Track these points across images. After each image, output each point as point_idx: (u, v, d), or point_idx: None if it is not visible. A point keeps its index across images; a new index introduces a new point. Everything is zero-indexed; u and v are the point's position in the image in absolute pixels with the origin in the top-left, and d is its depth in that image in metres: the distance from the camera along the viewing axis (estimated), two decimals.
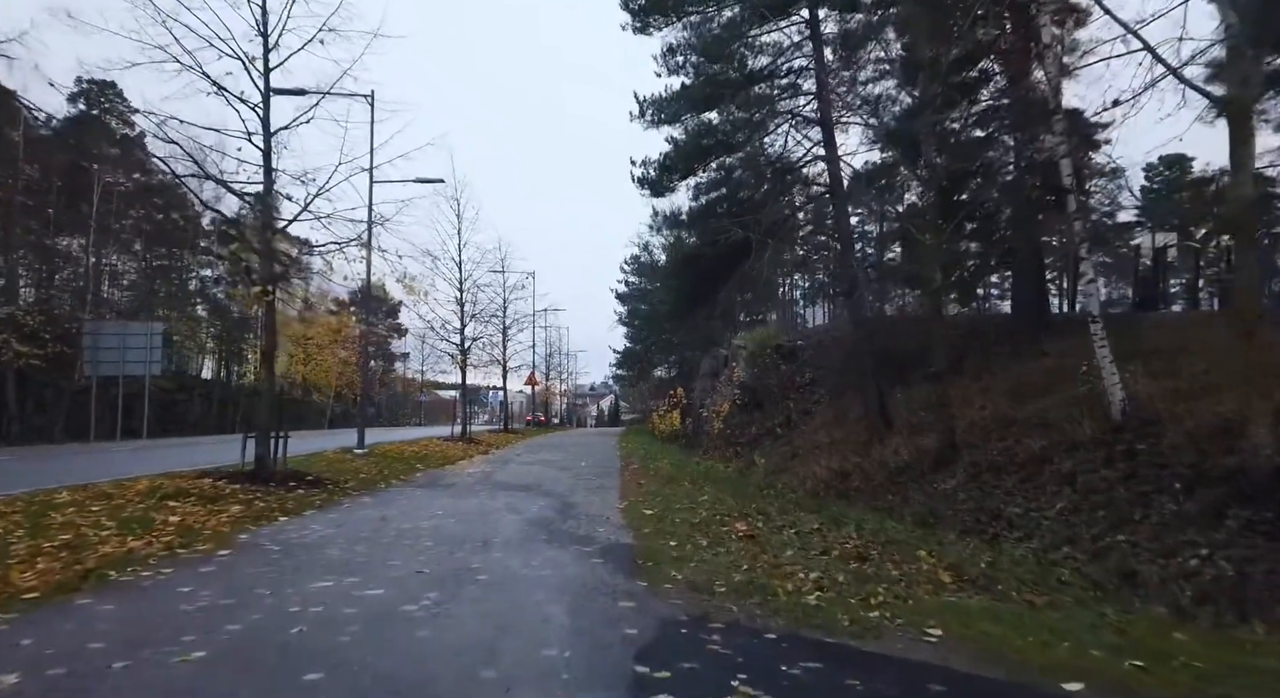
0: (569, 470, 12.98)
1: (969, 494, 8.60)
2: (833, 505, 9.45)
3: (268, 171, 9.27)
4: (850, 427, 15.32)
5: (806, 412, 19.09)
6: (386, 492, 9.45)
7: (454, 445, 19.67)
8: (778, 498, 10.30)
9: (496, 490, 9.70)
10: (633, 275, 40.40)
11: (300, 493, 8.50)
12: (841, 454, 12.85)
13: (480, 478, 11.57)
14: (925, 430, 12.24)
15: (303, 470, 9.97)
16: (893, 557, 5.68)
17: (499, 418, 57.52)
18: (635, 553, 5.59)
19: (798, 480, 12.27)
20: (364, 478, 10.78)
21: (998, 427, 10.20)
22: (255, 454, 9.24)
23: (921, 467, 10.04)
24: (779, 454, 16.06)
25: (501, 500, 8.65)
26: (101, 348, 24.24)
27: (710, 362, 26.29)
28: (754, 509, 8.39)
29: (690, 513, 7.76)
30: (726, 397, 21.94)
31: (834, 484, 11.13)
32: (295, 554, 5.31)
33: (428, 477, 11.72)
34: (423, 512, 7.54)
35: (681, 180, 13.70)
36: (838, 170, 12.61)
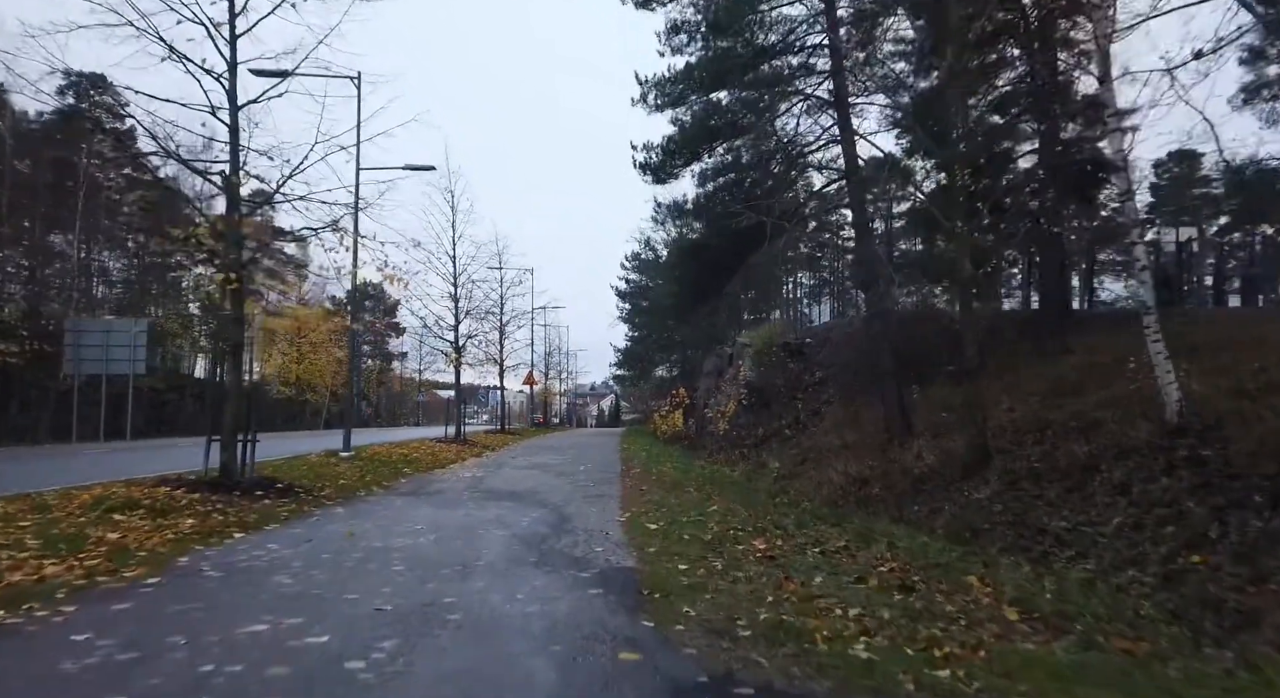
0: (566, 476, 12.16)
1: (1006, 505, 7.76)
2: (854, 517, 8.63)
3: (234, 150, 8.45)
4: (865, 428, 14.50)
5: (816, 412, 18.27)
6: (364, 501, 8.63)
7: (447, 448, 18.85)
8: (792, 508, 9.48)
9: (486, 500, 8.88)
10: (633, 272, 39.61)
11: (266, 503, 7.68)
12: (858, 458, 12.03)
13: (470, 484, 10.75)
14: (948, 433, 11.42)
15: (274, 477, 9.15)
16: (940, 585, 4.86)
17: (499, 418, 56.83)
18: (640, 581, 4.77)
19: (812, 487, 11.45)
20: (343, 484, 9.96)
21: (1032, 429, 9.37)
22: (220, 460, 8.42)
23: (949, 473, 9.22)
24: (789, 458, 15.24)
25: (491, 512, 7.83)
26: (84, 346, 23.43)
27: (714, 360, 25.47)
28: (769, 522, 7.56)
29: (700, 527, 6.94)
30: (732, 396, 21.13)
31: (852, 492, 10.31)
32: (236, 584, 4.48)
33: (413, 483, 10.90)
34: (400, 526, 6.71)
35: (686, 166, 12.88)
36: (854, 153, 11.79)
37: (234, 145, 8.44)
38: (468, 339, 21.38)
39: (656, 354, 38.29)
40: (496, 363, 27.66)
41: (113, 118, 31.79)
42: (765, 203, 11.33)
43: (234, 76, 8.43)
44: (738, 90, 12.09)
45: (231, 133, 8.46)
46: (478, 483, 10.88)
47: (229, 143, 8.44)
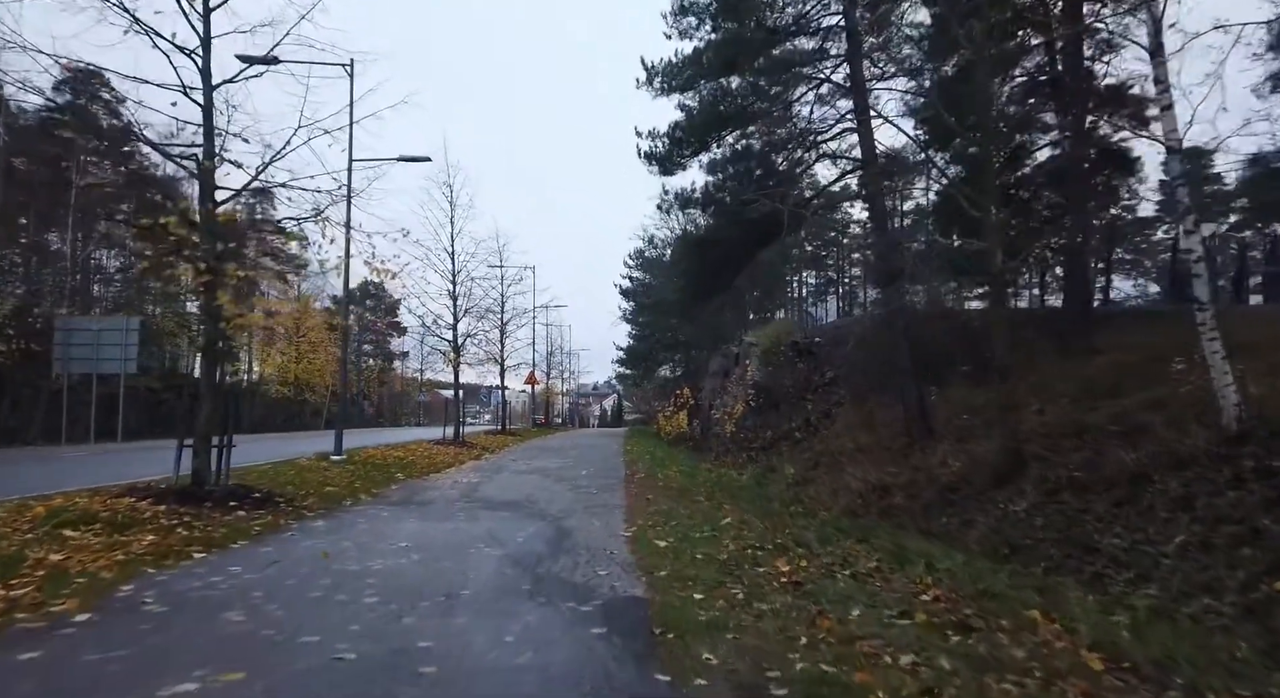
0: (567, 482, 11.51)
1: (1049, 519, 7.09)
2: (878, 530, 7.95)
3: (208, 133, 7.82)
4: (881, 431, 13.83)
5: (826, 414, 17.60)
6: (349, 512, 7.98)
7: (444, 449, 18.23)
8: (810, 519, 8.82)
9: (480, 510, 8.23)
10: (637, 270, 38.90)
11: (239, 516, 7.04)
12: (876, 464, 11.37)
13: (465, 491, 10.10)
14: (973, 437, 10.75)
15: (252, 485, 8.51)
16: (999, 621, 4.19)
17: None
18: (650, 615, 4.11)
19: (829, 494, 10.79)
20: (329, 492, 9.32)
21: (1067, 434, 8.70)
22: (192, 467, 7.79)
23: (979, 481, 8.55)
24: (801, 462, 14.58)
25: (483, 525, 7.18)
26: (73, 344, 22.85)
27: (720, 360, 24.80)
28: (789, 537, 6.91)
29: (713, 543, 6.29)
30: (739, 397, 20.46)
31: (873, 500, 9.65)
32: (179, 621, 3.84)
33: (405, 490, 10.26)
34: (382, 544, 6.06)
35: (694, 156, 12.19)
36: (871, 141, 11.12)
37: (208, 128, 7.81)
38: (467, 338, 20.75)
39: (660, 353, 37.60)
40: (497, 362, 27.02)
41: (107, 112, 31.23)
42: (780, 191, 10.66)
43: (207, 53, 7.79)
44: (749, 76, 11.43)
45: (205, 114, 7.83)
46: (473, 490, 10.24)
47: (202, 125, 7.81)
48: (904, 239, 11.15)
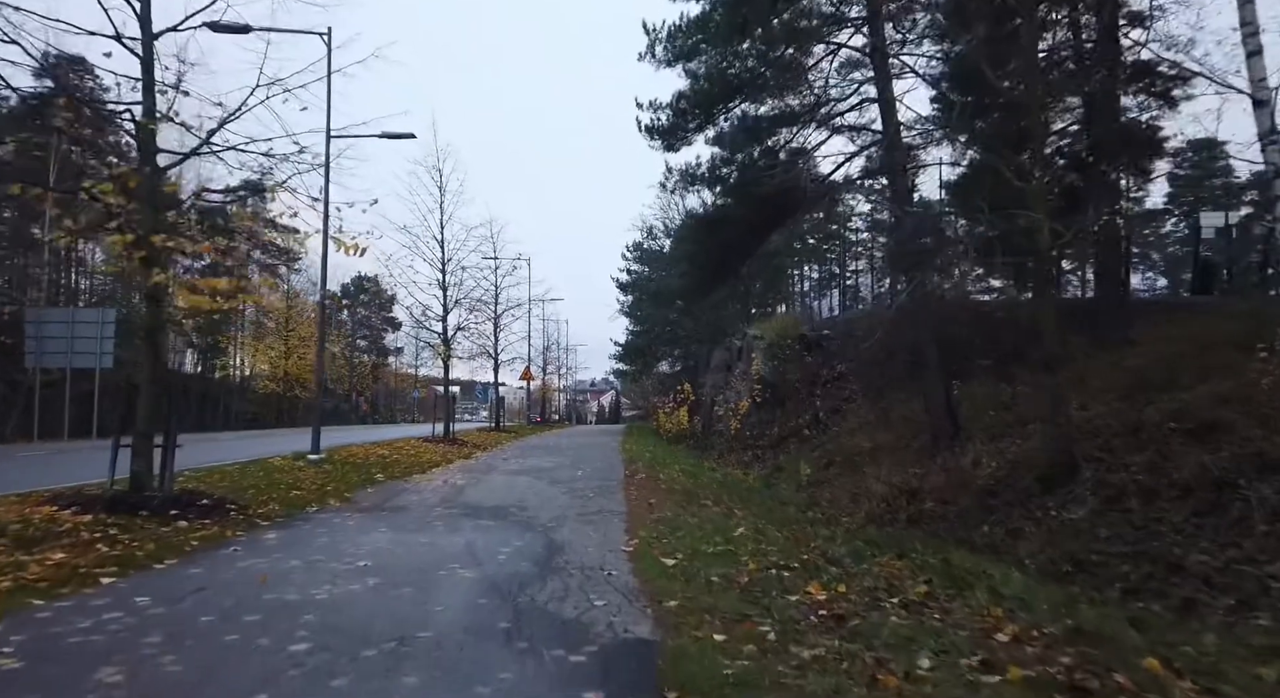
0: (562, 484, 10.55)
1: (1115, 530, 6.16)
2: (914, 541, 7.01)
3: (148, 87, 6.83)
4: (898, 429, 12.91)
5: (836, 410, 16.68)
6: (310, 520, 7.01)
7: (433, 448, 17.26)
8: (833, 527, 7.89)
9: (461, 518, 7.26)
10: (635, 262, 37.87)
11: (179, 527, 6.07)
12: (898, 465, 10.43)
13: (447, 496, 9.14)
14: (1005, 436, 9.83)
15: (201, 491, 7.54)
16: (1112, 676, 3.24)
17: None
18: (661, 669, 3.16)
19: (848, 498, 9.84)
20: (295, 497, 8.35)
21: (1121, 432, 7.77)
22: (130, 470, 6.83)
23: (1022, 485, 7.61)
24: (813, 461, 13.64)
25: (463, 536, 6.22)
26: (47, 337, 21.84)
27: (723, 354, 23.85)
28: (815, 552, 5.96)
29: (729, 560, 5.34)
30: (743, 393, 19.52)
31: (900, 506, 8.71)
32: (29, 683, 2.88)
33: (381, 494, 9.29)
34: (336, 562, 5.10)
35: (700, 131, 11.19)
36: (893, 113, 10.15)
37: (147, 81, 6.81)
38: (458, 330, 19.75)
39: (659, 348, 36.60)
40: (491, 357, 26.03)
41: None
42: (796, 165, 9.70)
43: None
44: (760, 42, 10.45)
45: (144, 67, 6.84)
46: (457, 494, 9.27)
47: (141, 79, 6.82)
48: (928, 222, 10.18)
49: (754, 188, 10.16)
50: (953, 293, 15.14)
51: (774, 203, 10.38)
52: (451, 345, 19.87)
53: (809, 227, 40.02)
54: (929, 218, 10.13)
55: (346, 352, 55.34)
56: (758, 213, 10.32)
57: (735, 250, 10.89)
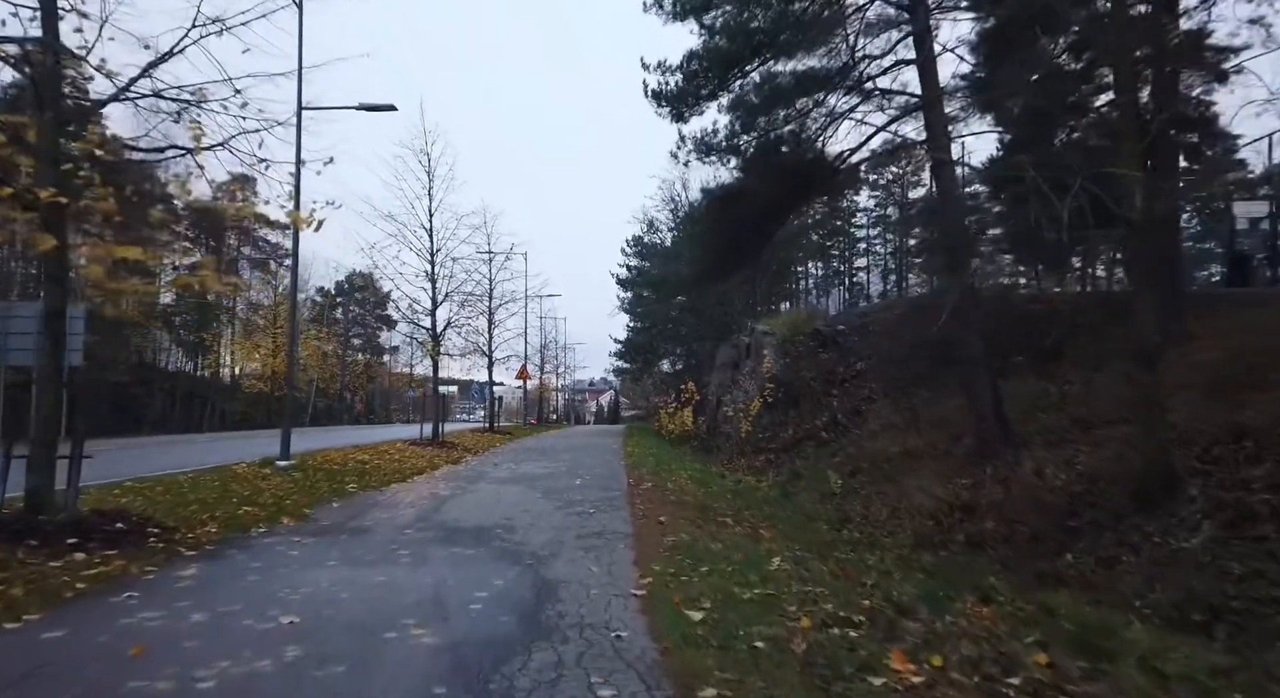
0: (557, 496, 9.29)
1: (1250, 564, 4.90)
2: (988, 574, 5.76)
3: (49, 13, 5.56)
4: (930, 433, 11.66)
5: (856, 411, 15.42)
6: (248, 548, 5.74)
7: (420, 451, 16.00)
8: (879, 552, 6.65)
9: (433, 544, 5.99)
10: (635, 257, 36.55)
11: (77, 559, 4.81)
12: (939, 475, 9.18)
13: (425, 511, 7.87)
14: (1066, 442, 8.58)
15: (117, 511, 6.28)
16: None
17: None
18: None
19: (885, 512, 8.59)
20: (243, 514, 7.09)
21: (1223, 439, 6.52)
22: (26, 486, 5.57)
23: (1110, 505, 6.35)
24: (834, 468, 12.39)
25: (430, 573, 4.96)
26: (11, 333, 20.48)
27: (729, 351, 22.59)
28: (876, 593, 4.72)
29: (772, 610, 4.10)
30: (753, 392, 18.26)
31: (953, 524, 7.44)
32: None
33: (349, 508, 8.02)
34: (253, 619, 3.84)
35: (713, 98, 9.89)
36: (934, 74, 8.91)
37: (48, 5, 5.54)
38: (448, 325, 18.48)
39: (661, 346, 35.30)
40: (484, 354, 24.77)
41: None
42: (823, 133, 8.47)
43: None
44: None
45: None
46: (435, 509, 8.00)
47: (38, 7, 5.55)
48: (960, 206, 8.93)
49: (775, 160, 8.93)
50: (992, 281, 13.97)
51: (797, 177, 9.14)
52: (441, 342, 18.61)
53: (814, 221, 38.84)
54: (957, 201, 8.83)
55: (339, 350, 54.01)
56: (778, 188, 9.07)
57: (752, 231, 9.62)
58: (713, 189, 9.43)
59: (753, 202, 8.96)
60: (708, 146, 9.54)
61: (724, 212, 9.57)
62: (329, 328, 51.94)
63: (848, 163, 9.44)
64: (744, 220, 9.17)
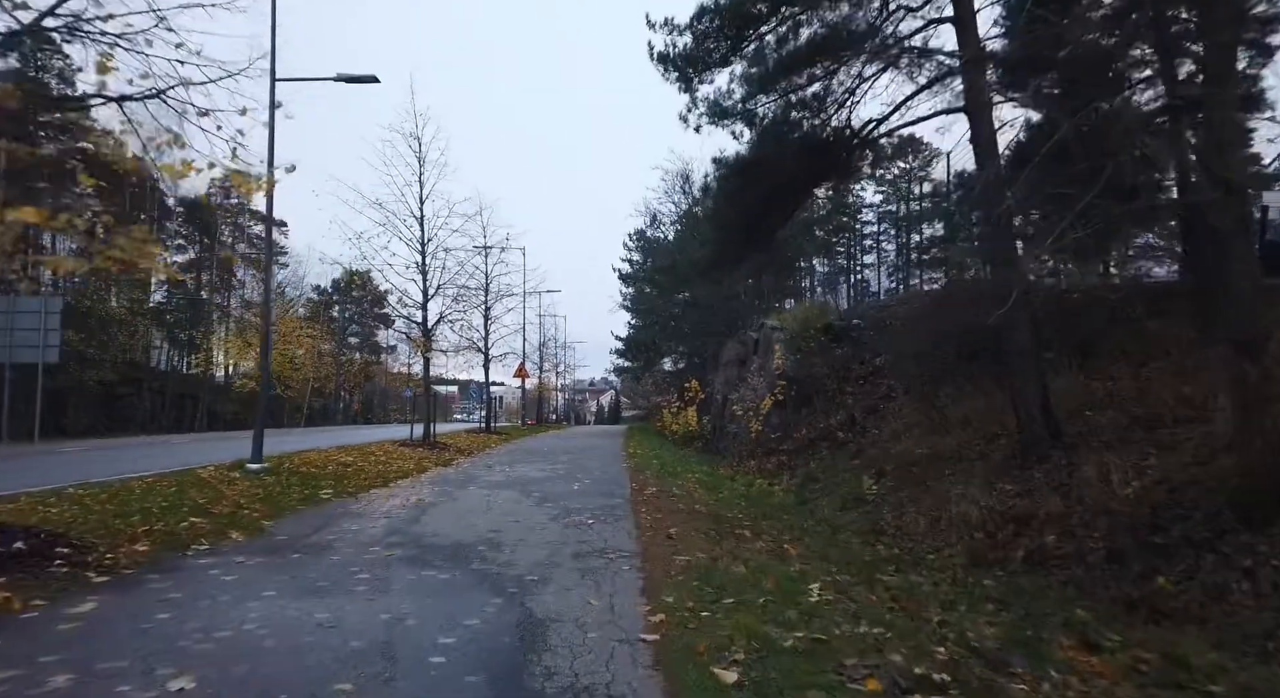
0: (553, 503, 8.32)
1: None
2: (1072, 605, 4.77)
3: None
4: (962, 433, 10.67)
5: (874, 410, 14.44)
6: (175, 573, 4.76)
7: (409, 453, 15.02)
8: (927, 573, 5.68)
9: (400, 566, 5.02)
10: (637, 252, 35.53)
11: None
12: (979, 479, 8.19)
13: (400, 522, 6.89)
14: (1127, 442, 7.59)
15: (34, 525, 5.30)
16: None
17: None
18: None
19: (924, 522, 7.60)
20: (188, 527, 6.13)
21: None
22: None
23: (1206, 519, 5.37)
24: (854, 470, 11.42)
25: (387, 607, 3.99)
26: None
27: (736, 347, 21.61)
28: (941, 628, 3.75)
29: (826, 664, 3.12)
30: (762, 390, 17.28)
31: (1006, 538, 6.45)
32: None
33: (313, 519, 7.04)
34: (134, 679, 2.87)
35: (725, 65, 8.84)
36: (974, 32, 7.94)
37: None
38: (439, 320, 17.50)
39: (663, 343, 34.28)
40: (480, 351, 23.79)
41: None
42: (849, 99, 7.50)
43: None
44: None
45: None
46: (412, 520, 7.02)
47: None
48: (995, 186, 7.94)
49: (797, 126, 7.98)
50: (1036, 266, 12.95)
51: (820, 147, 8.17)
52: (433, 337, 17.63)
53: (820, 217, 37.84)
54: (1000, 179, 7.84)
55: (335, 349, 53.08)
56: (799, 159, 8.08)
57: (770, 207, 8.62)
58: (727, 158, 8.48)
59: (772, 172, 7.97)
60: (721, 110, 8.55)
61: (740, 184, 8.57)
62: (323, 325, 50.93)
63: (876, 132, 8.44)
64: (762, 195, 8.17)
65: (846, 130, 8.00)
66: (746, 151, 8.51)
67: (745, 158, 8.44)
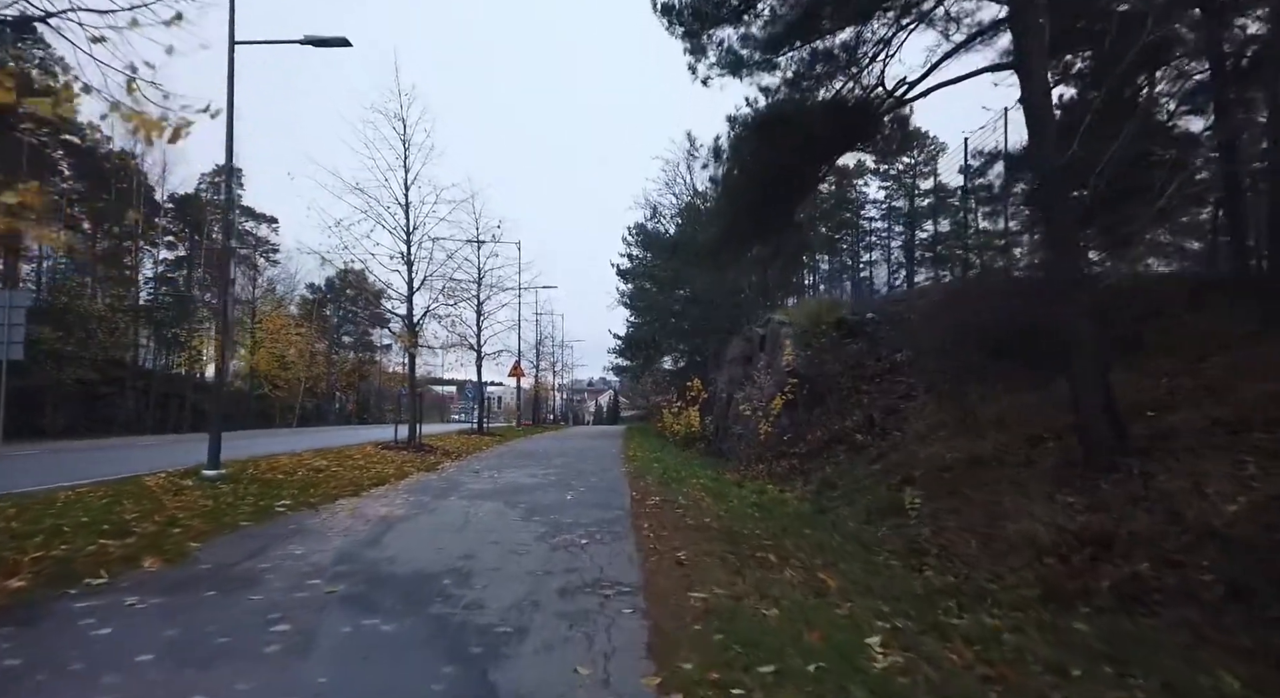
0: (540, 518, 7.22)
1: None
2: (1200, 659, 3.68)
3: None
4: (998, 436, 9.57)
5: (894, 410, 13.33)
6: (35, 620, 3.66)
7: (392, 456, 13.92)
8: (1000, 610, 4.58)
9: (337, 611, 3.91)
10: (636, 247, 34.39)
11: None
12: (1034, 491, 7.10)
13: (358, 543, 5.79)
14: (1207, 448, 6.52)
15: None
16: None
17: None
18: None
19: (974, 542, 6.49)
20: (94, 551, 5.03)
21: None
22: None
23: None
24: (874, 476, 10.33)
25: (296, 682, 2.89)
26: None
27: (741, 344, 20.52)
28: None
29: None
30: (769, 388, 16.18)
31: (1083, 565, 5.36)
32: None
33: (257, 538, 5.93)
34: None
35: (737, 19, 7.76)
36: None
37: None
38: (425, 314, 16.38)
39: (663, 341, 33.15)
40: (472, 348, 22.70)
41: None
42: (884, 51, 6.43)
43: None
44: None
45: None
46: (372, 542, 5.90)
47: None
48: None
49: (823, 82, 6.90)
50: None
51: (848, 107, 7.10)
52: (419, 333, 16.52)
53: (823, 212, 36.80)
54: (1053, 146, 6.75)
55: (328, 348, 51.95)
56: (825, 118, 6.98)
57: (793, 175, 7.47)
58: (743, 115, 7.38)
59: (794, 132, 6.89)
60: (737, 60, 7.43)
61: (757, 146, 7.45)
62: (315, 324, 49.79)
63: (910, 94, 7.35)
64: (781, 159, 7.08)
65: (880, 86, 6.93)
66: (765, 108, 7.44)
67: (765, 113, 7.35)
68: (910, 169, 45.65)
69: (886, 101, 7.13)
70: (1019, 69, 7.16)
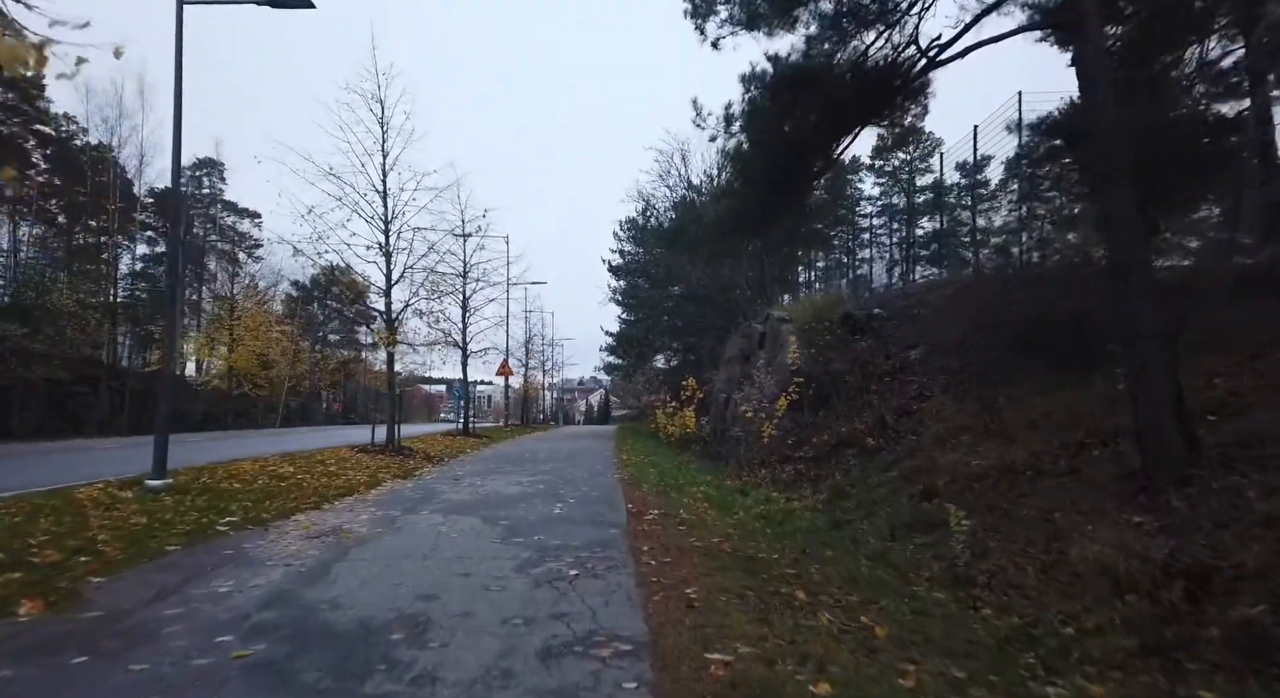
0: (522, 539, 6.24)
1: None
2: None
3: None
4: (1032, 441, 8.66)
5: (907, 411, 12.42)
6: None
7: (368, 460, 12.89)
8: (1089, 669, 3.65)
9: (237, 691, 2.93)
10: (628, 242, 33.36)
11: None
12: (1089, 507, 6.19)
13: (295, 581, 4.79)
14: None
15: None
16: None
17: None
18: None
19: (1031, 572, 5.56)
20: None
21: None
22: None
23: None
24: (890, 484, 9.42)
25: None
26: None
27: (740, 342, 19.58)
28: None
29: None
30: (771, 388, 15.24)
31: (1177, 606, 4.43)
32: None
33: (177, 570, 4.92)
34: None
35: None
36: None
37: None
38: (405, 307, 15.34)
39: (656, 339, 32.17)
40: (458, 346, 21.66)
41: None
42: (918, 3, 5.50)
43: None
44: None
45: None
46: (316, 576, 4.91)
47: None
48: None
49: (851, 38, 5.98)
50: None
51: (877, 70, 6.16)
52: (399, 329, 15.49)
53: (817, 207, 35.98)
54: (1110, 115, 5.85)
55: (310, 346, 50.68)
56: (852, 81, 6.05)
57: (814, 147, 6.55)
58: (761, 73, 6.40)
59: (817, 95, 5.96)
60: (753, 14, 6.47)
61: (776, 112, 6.53)
62: (298, 321, 48.54)
63: (945, 55, 6.42)
64: (801, 128, 6.16)
65: (913, 43, 6.01)
66: (786, 67, 6.48)
67: (785, 74, 6.39)
68: (906, 165, 45.03)
69: (919, 62, 6.19)
70: (1070, 27, 6.24)
